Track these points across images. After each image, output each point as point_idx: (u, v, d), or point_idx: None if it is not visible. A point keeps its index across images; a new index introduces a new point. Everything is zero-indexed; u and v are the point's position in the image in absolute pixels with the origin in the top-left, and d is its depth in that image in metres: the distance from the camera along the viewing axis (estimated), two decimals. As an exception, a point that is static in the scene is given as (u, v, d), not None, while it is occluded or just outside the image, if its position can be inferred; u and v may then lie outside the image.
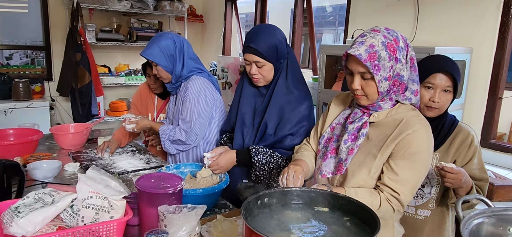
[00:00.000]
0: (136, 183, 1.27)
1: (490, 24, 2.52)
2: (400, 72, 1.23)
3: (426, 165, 1.29)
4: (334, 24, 7.20)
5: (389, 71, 1.20)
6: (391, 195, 1.27)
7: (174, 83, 2.13)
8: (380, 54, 1.18)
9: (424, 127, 1.27)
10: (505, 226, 0.67)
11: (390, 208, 1.27)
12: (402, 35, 1.26)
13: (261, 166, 1.66)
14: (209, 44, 5.53)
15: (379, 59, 1.18)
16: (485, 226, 0.65)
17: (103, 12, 4.59)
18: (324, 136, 1.46)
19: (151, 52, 2.03)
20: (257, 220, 0.93)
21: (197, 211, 1.20)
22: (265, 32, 1.63)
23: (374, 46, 1.18)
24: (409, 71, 1.26)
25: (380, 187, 1.29)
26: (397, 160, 1.26)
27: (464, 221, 0.60)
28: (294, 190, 1.03)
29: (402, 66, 1.22)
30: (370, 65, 1.18)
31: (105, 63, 4.76)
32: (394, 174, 1.26)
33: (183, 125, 2.04)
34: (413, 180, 1.27)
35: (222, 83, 4.10)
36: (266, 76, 1.67)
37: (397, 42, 1.21)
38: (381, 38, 1.19)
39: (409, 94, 1.30)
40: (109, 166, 2.05)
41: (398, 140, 1.26)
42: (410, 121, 1.27)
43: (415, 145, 1.24)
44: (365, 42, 1.19)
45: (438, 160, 1.54)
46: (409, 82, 1.28)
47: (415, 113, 1.32)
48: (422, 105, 1.47)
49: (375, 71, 1.18)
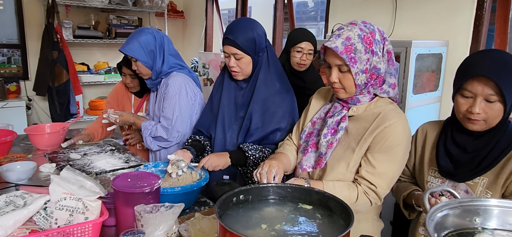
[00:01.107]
0: (112, 183, 1.24)
1: (465, 17, 2.57)
2: (376, 65, 1.24)
3: (403, 158, 1.30)
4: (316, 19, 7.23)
5: (365, 63, 1.21)
6: (369, 188, 1.28)
7: (154, 79, 2.10)
8: (356, 47, 1.19)
9: (401, 120, 1.28)
10: (471, 217, 0.68)
11: (368, 201, 1.28)
12: (379, 29, 1.27)
13: (256, 161, 1.65)
14: (190, 41, 5.48)
15: (355, 52, 1.19)
16: (451, 217, 0.66)
17: (81, 8, 4.48)
18: (305, 131, 1.46)
19: (131, 48, 1.99)
20: (232, 217, 0.93)
21: (174, 210, 1.19)
22: (244, 25, 1.63)
23: (350, 39, 1.19)
24: (386, 64, 1.27)
25: (358, 180, 1.31)
26: (375, 153, 1.27)
27: (430, 214, 0.61)
28: (270, 186, 1.03)
29: (379, 59, 1.24)
30: (346, 57, 1.19)
31: (83, 60, 4.66)
32: (371, 167, 1.28)
33: (164, 122, 2.01)
34: (390, 173, 1.29)
35: (203, 80, 4.07)
36: (244, 69, 1.67)
37: (373, 35, 1.22)
38: (357, 31, 1.20)
39: (387, 87, 1.31)
40: (87, 166, 2.00)
41: (376, 134, 1.27)
42: (387, 115, 1.28)
43: (392, 139, 1.25)
44: (342, 35, 1.21)
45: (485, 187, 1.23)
46: (386, 75, 1.30)
47: (393, 106, 1.33)
48: (460, 115, 1.24)
49: (351, 64, 1.19)
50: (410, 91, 2.39)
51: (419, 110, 2.48)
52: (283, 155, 1.44)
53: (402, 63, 2.35)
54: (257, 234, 0.86)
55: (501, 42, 2.65)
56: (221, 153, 1.67)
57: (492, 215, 0.69)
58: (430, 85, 2.60)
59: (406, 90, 2.37)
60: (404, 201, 1.44)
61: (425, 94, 2.53)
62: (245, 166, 1.68)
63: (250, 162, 1.64)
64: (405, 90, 2.37)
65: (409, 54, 2.31)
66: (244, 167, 1.69)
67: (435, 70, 2.61)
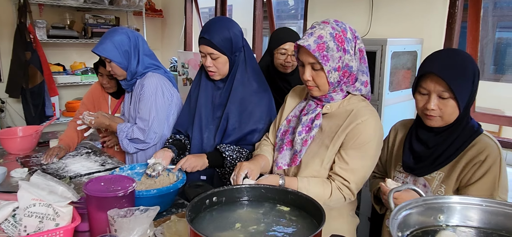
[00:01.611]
0: (84, 188, 1.22)
1: (438, 15, 2.63)
2: (349, 63, 1.26)
3: (375, 154, 1.33)
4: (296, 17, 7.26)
5: (338, 61, 1.23)
6: (342, 184, 1.30)
7: (129, 80, 2.06)
8: (329, 45, 1.20)
9: (373, 117, 1.31)
10: (436, 214, 0.69)
11: (341, 197, 1.30)
12: (351, 27, 1.29)
13: (233, 162, 1.64)
14: (169, 40, 5.41)
15: (328, 50, 1.20)
16: (416, 216, 0.67)
17: (55, 7, 4.36)
18: (281, 129, 1.48)
19: (104, 48, 1.94)
20: (205, 220, 0.92)
21: (149, 213, 1.17)
22: (220, 24, 1.61)
23: (322, 37, 1.21)
24: (358, 62, 1.30)
25: (332, 177, 1.32)
26: (348, 150, 1.30)
27: (394, 212, 0.61)
28: (244, 187, 1.02)
29: (351, 57, 1.26)
30: (319, 55, 1.20)
31: (59, 61, 4.54)
32: (344, 163, 1.30)
33: (140, 123, 1.98)
34: (363, 169, 1.31)
35: (182, 79, 4.03)
36: (220, 68, 1.65)
37: (345, 34, 1.24)
38: (329, 30, 1.22)
39: (359, 85, 1.33)
40: (61, 170, 1.95)
41: (348, 130, 1.29)
42: (360, 112, 1.30)
43: (364, 135, 1.28)
44: (314, 33, 1.22)
45: (441, 181, 1.26)
46: (359, 73, 1.32)
47: (365, 103, 1.35)
48: (419, 112, 1.29)
49: (324, 62, 1.21)
50: (386, 88, 2.42)
51: (396, 107, 2.53)
52: (260, 157, 1.44)
53: (378, 61, 2.38)
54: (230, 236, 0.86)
55: (473, 39, 2.73)
56: (199, 155, 1.65)
57: (455, 212, 0.71)
58: (406, 82, 2.65)
59: (382, 88, 2.41)
60: (375, 195, 1.46)
61: (401, 91, 2.57)
62: (222, 167, 1.67)
63: (228, 163, 1.63)
64: (381, 87, 2.41)
65: (384, 52, 2.34)
66: (221, 168, 1.68)
67: (411, 67, 2.66)
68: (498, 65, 5.35)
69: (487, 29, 5.11)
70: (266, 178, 1.30)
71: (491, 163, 1.17)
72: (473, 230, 0.69)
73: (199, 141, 1.74)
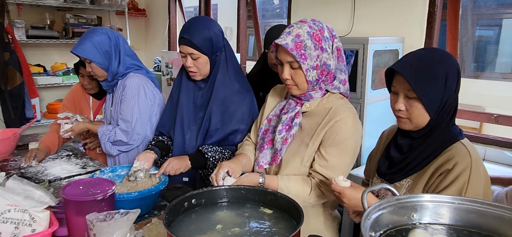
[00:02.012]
0: (62, 192, 1.19)
1: (419, 14, 2.67)
2: (326, 62, 1.27)
3: (354, 151, 1.35)
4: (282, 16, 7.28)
5: (315, 60, 1.24)
6: (321, 181, 1.31)
7: (110, 81, 2.02)
8: (306, 44, 1.22)
9: (351, 114, 1.33)
10: (409, 213, 0.70)
11: (321, 194, 1.32)
12: (328, 26, 1.30)
13: (216, 163, 1.63)
14: (153, 40, 5.35)
15: (305, 48, 1.22)
16: (390, 215, 0.67)
17: (34, 7, 4.25)
18: (262, 128, 1.49)
19: (83, 49, 1.90)
20: (184, 223, 0.91)
21: (129, 216, 1.15)
22: (200, 24, 1.60)
23: (300, 36, 1.22)
24: (336, 61, 1.31)
25: (312, 174, 1.34)
26: (327, 147, 1.31)
27: (367, 212, 0.62)
28: (224, 189, 1.02)
29: (328, 55, 1.27)
30: (297, 54, 1.21)
31: (39, 62, 4.43)
32: (324, 160, 1.31)
33: (123, 125, 1.95)
34: (342, 166, 1.33)
35: (167, 79, 3.99)
36: (201, 69, 1.64)
37: (322, 32, 1.25)
38: (306, 29, 1.23)
39: (338, 83, 1.35)
40: (40, 174, 1.91)
41: (327, 128, 1.31)
42: (338, 109, 1.32)
43: (343, 132, 1.30)
44: (292, 32, 1.23)
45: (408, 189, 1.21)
46: (337, 71, 1.34)
47: (343, 101, 1.37)
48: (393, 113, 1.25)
49: (301, 60, 1.22)
50: (369, 86, 2.45)
51: (378, 105, 2.56)
52: (241, 156, 1.44)
53: (361, 60, 2.41)
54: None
55: (453, 38, 2.78)
56: (181, 157, 1.63)
57: (428, 210, 0.72)
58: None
59: (364, 86, 2.43)
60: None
61: (383, 89, 2.60)
62: (205, 169, 1.66)
63: (210, 164, 1.62)
64: (363, 86, 2.43)
65: (366, 51, 2.37)
66: (204, 169, 1.67)
67: (393, 65, 2.70)
68: (479, 62, 5.48)
69: (467, 27, 5.22)
70: (246, 176, 1.30)
71: (458, 173, 1.06)
72: (445, 227, 0.71)
73: (181, 142, 1.73)
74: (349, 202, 1.13)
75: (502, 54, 5.25)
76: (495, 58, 5.31)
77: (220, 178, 1.22)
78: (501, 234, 0.70)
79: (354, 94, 2.47)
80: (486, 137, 2.68)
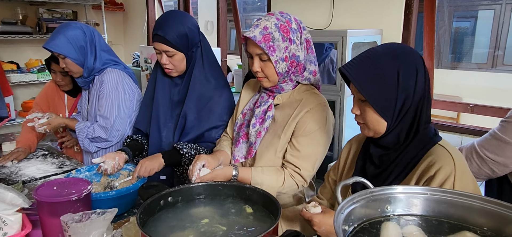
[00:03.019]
0: (34, 193, 1.15)
1: (396, 6, 2.70)
2: (295, 53, 1.30)
3: (326, 141, 1.37)
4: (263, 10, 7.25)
5: (284, 52, 1.26)
6: (294, 171, 1.34)
7: (86, 77, 1.97)
8: (274, 35, 1.24)
9: (321, 104, 1.35)
10: (383, 205, 0.71)
11: (294, 183, 1.34)
12: (296, 18, 1.33)
13: (191, 159, 1.60)
14: (132, 34, 5.25)
15: (273, 40, 1.24)
16: (363, 208, 0.67)
17: (5, 2, 4.10)
18: (237, 123, 1.51)
19: (57, 44, 1.84)
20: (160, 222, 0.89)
21: (106, 216, 1.12)
22: (174, 19, 1.56)
23: (267, 28, 1.24)
24: (305, 52, 1.34)
25: (285, 165, 1.36)
26: (298, 138, 1.34)
27: (341, 206, 0.62)
28: (201, 185, 1.01)
29: (297, 47, 1.30)
30: (265, 46, 1.23)
31: (12, 59, 4.28)
32: (296, 151, 1.34)
33: (102, 121, 1.90)
34: (314, 156, 1.35)
35: (146, 75, 3.93)
36: (177, 66, 1.61)
37: (290, 24, 1.28)
38: (274, 21, 1.25)
39: (308, 74, 1.37)
40: (14, 175, 1.85)
41: (298, 119, 1.33)
42: (308, 100, 1.35)
43: (313, 122, 1.32)
44: (260, 25, 1.26)
45: None
46: (306, 63, 1.36)
47: (314, 92, 1.40)
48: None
49: (270, 52, 1.24)
50: (348, 79, 2.47)
51: (358, 97, 2.58)
52: (218, 152, 1.46)
53: (339, 52, 2.42)
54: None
55: (430, 29, 2.83)
56: (153, 156, 1.60)
57: (401, 202, 0.73)
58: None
59: (344, 78, 2.45)
60: None
61: (362, 81, 2.63)
62: (180, 166, 1.64)
63: (186, 161, 1.60)
64: (343, 78, 2.45)
65: (345, 43, 2.39)
66: (179, 166, 1.64)
67: (371, 57, 2.73)
68: (456, 53, 5.61)
69: (444, 19, 5.32)
70: (221, 169, 1.31)
71: (442, 179, 0.96)
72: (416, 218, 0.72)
73: (158, 140, 1.70)
74: (319, 228, 1.03)
75: (478, 45, 5.38)
76: (471, 49, 5.45)
77: (196, 169, 1.23)
78: (471, 223, 0.72)
79: (334, 87, 2.49)
80: (462, 126, 2.75)
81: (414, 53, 1.02)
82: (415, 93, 0.98)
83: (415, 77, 0.98)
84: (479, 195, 0.71)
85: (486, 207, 0.71)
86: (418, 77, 0.98)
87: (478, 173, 1.42)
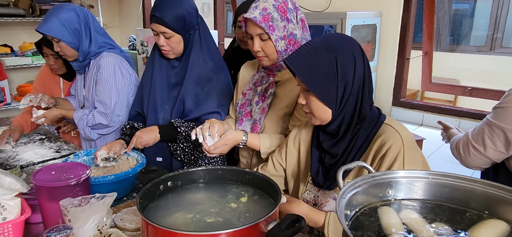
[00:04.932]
0: (33, 178, 1.15)
1: (396, -12, 2.67)
2: (293, 32, 1.35)
3: None
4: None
5: (283, 31, 1.32)
6: None
7: (81, 61, 1.93)
8: (273, 16, 1.29)
9: None
10: (385, 189, 0.72)
11: None
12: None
13: (187, 137, 1.60)
14: (127, 17, 5.17)
15: (272, 20, 1.29)
16: (365, 193, 0.68)
17: (-3, -17, 4.02)
18: (238, 103, 1.57)
19: (50, 27, 1.79)
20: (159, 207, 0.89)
21: (105, 200, 1.13)
22: (172, 1, 1.54)
23: (266, 9, 1.30)
24: (301, 31, 1.39)
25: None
26: (300, 109, 1.38)
27: (343, 191, 0.62)
28: (200, 170, 1.00)
29: (294, 26, 1.35)
30: (265, 26, 1.29)
31: (5, 42, 4.22)
32: (298, 121, 1.40)
33: (101, 108, 1.87)
34: None
35: (143, 58, 3.89)
36: (174, 48, 1.60)
37: (286, 4, 1.33)
38: (272, 2, 1.32)
39: None
40: (11, 159, 1.84)
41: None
42: None
43: None
44: (259, 6, 1.31)
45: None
46: (302, 41, 1.41)
47: None
48: None
49: (270, 31, 1.29)
50: (347, 62, 2.45)
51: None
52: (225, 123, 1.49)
53: (339, 35, 2.40)
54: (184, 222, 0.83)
55: (429, 11, 2.80)
56: (149, 128, 1.59)
57: (402, 186, 0.73)
58: (367, 54, 2.70)
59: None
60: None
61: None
62: (175, 142, 1.63)
63: (182, 139, 1.59)
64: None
65: (344, 26, 2.37)
66: (174, 143, 1.64)
67: (371, 40, 2.71)
68: (454, 36, 5.58)
69: (444, 1, 5.27)
70: (231, 133, 1.38)
71: (393, 157, 1.02)
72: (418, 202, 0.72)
73: (155, 122, 1.68)
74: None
75: (477, 27, 5.35)
76: (470, 32, 5.42)
77: (206, 129, 1.31)
78: (472, 207, 0.72)
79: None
80: (460, 109, 2.76)
81: (351, 41, 1.07)
82: (355, 80, 1.04)
83: (353, 65, 1.03)
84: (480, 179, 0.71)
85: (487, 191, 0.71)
86: (356, 65, 1.03)
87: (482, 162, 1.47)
